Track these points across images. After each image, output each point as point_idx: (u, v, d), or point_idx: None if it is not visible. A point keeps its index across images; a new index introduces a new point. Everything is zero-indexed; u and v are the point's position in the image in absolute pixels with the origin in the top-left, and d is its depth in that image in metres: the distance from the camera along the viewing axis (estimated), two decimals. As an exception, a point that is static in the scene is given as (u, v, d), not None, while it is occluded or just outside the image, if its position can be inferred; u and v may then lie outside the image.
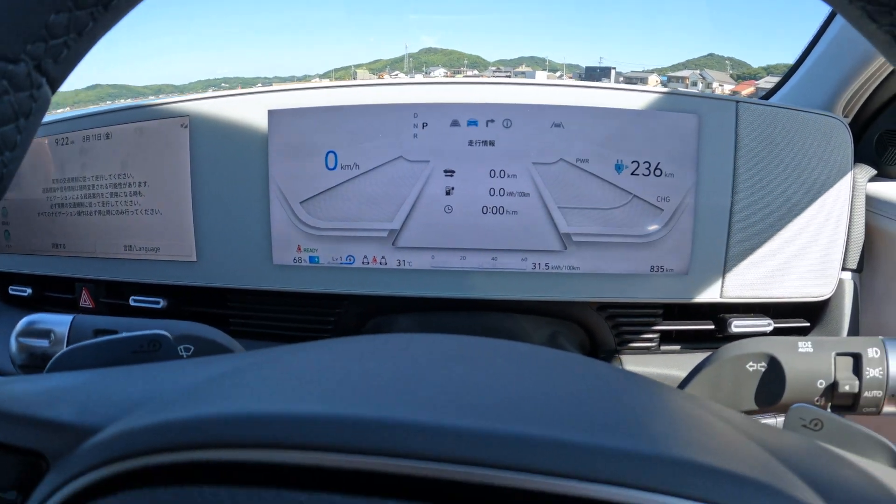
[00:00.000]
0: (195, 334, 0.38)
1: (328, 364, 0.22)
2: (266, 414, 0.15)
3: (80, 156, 0.63)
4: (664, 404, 0.21)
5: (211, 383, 0.19)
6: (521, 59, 2.93)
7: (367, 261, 0.55)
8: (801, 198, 0.56)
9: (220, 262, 0.59)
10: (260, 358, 0.23)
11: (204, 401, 0.17)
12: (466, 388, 0.19)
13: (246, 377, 0.20)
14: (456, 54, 3.49)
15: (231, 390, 0.18)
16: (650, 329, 0.58)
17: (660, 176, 0.53)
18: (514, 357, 0.24)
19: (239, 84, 1.60)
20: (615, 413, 0.18)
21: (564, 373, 0.22)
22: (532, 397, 0.18)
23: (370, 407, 0.16)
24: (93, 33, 0.17)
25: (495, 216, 0.53)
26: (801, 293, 0.58)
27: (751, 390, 0.37)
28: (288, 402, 0.16)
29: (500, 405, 0.17)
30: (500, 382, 0.20)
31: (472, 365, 0.22)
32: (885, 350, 0.35)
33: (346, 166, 0.54)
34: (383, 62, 2.81)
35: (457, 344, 0.25)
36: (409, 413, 0.15)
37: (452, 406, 0.16)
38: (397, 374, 0.20)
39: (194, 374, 0.22)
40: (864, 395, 0.35)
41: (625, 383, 0.22)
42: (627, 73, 2.29)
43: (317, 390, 0.18)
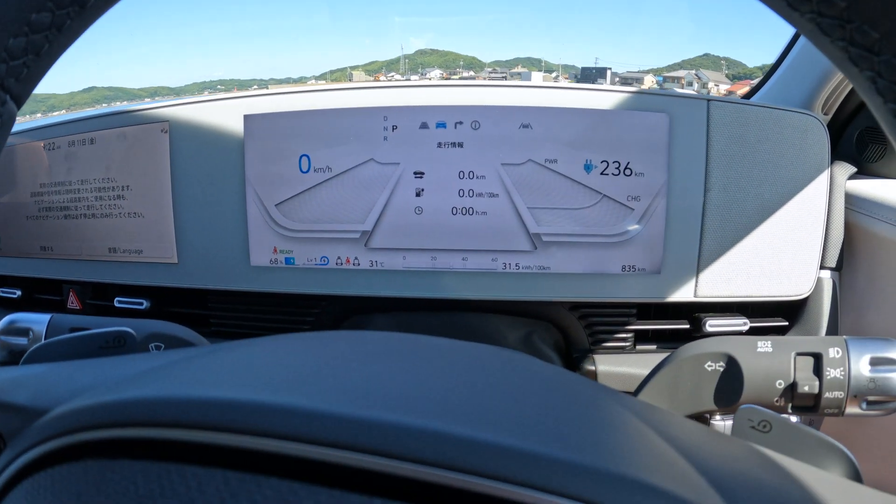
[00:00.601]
0: (165, 332, 0.40)
1: (257, 357, 0.23)
2: (171, 397, 0.17)
3: (65, 160, 0.65)
4: (576, 403, 0.21)
5: (145, 373, 0.21)
6: (516, 60, 2.93)
7: (341, 262, 0.56)
8: (776, 196, 0.56)
9: (200, 263, 0.60)
10: (200, 352, 0.24)
11: (132, 387, 0.19)
12: (374, 382, 0.19)
13: (176, 368, 0.21)
14: (452, 55, 3.50)
15: (158, 378, 0.20)
16: (624, 329, 0.58)
17: (630, 175, 0.53)
18: (441, 354, 0.24)
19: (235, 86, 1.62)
20: (507, 408, 0.18)
21: (486, 370, 0.23)
22: (431, 391, 0.19)
23: (266, 393, 0.17)
24: (50, 54, 0.19)
25: (465, 217, 0.53)
26: (778, 292, 0.57)
27: (710, 390, 0.37)
28: (198, 388, 0.18)
29: (395, 397, 0.18)
30: (408, 377, 0.20)
31: (394, 361, 0.22)
32: (847, 350, 0.35)
33: (319, 169, 0.55)
34: (379, 63, 2.83)
35: (395, 341, 0.25)
36: (299, 399, 0.16)
37: (347, 395, 0.17)
38: (314, 368, 0.21)
39: (138, 366, 0.24)
40: (825, 395, 0.34)
41: (545, 382, 0.23)
42: (623, 74, 2.28)
43: (230, 379, 0.19)
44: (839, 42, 0.15)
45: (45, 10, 0.17)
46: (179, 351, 0.27)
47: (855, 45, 0.14)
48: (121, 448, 0.16)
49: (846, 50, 0.15)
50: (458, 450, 0.14)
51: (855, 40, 0.14)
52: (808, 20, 0.15)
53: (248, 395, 0.17)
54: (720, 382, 0.37)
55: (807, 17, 0.15)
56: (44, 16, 0.17)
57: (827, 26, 0.15)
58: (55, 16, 0.18)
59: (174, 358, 0.24)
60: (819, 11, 0.14)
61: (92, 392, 0.19)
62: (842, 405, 0.35)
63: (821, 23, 0.15)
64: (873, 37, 0.14)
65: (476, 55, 6.59)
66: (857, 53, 0.15)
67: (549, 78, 2.34)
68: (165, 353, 0.27)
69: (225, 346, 0.26)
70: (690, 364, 0.37)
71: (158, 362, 0.23)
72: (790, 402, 0.36)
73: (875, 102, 0.15)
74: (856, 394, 0.34)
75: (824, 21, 0.15)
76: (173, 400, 0.17)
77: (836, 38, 0.15)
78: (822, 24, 0.15)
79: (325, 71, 4.82)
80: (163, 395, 0.17)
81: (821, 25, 0.15)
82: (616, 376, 0.56)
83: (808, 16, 0.15)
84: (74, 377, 0.23)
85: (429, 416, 0.16)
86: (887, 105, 0.15)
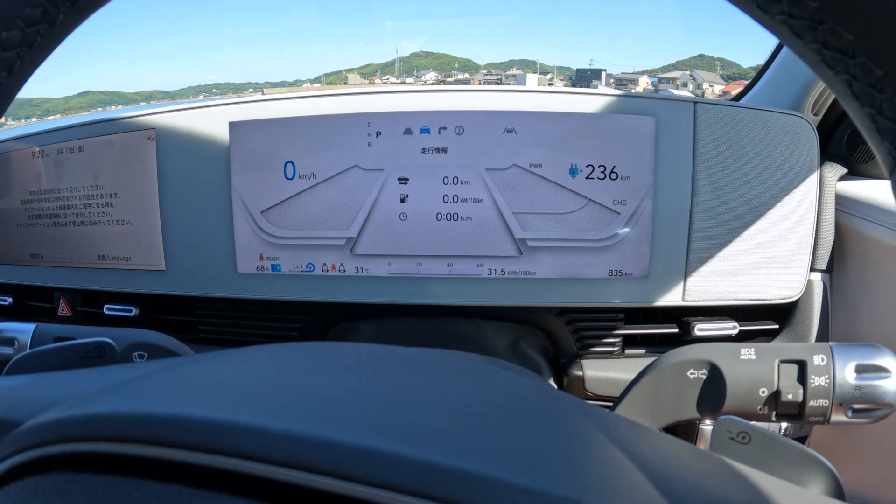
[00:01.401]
0: (147, 341, 0.40)
1: (221, 372, 0.23)
2: (127, 413, 0.17)
3: (54, 168, 0.65)
4: (532, 416, 0.21)
5: (113, 387, 0.21)
6: (511, 62, 2.93)
7: (327, 268, 0.56)
8: (765, 199, 0.55)
9: (187, 270, 0.60)
10: (169, 365, 0.25)
11: (95, 402, 0.19)
12: (329, 397, 0.19)
13: (142, 383, 0.22)
14: (447, 58, 3.51)
15: (122, 393, 0.20)
16: (611, 333, 0.58)
17: (616, 179, 0.53)
18: (400, 365, 0.24)
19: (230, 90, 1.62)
20: (434, 421, 0.18)
21: (442, 383, 0.23)
22: (379, 408, 0.19)
23: (223, 410, 0.17)
24: (22, 70, 0.19)
25: (450, 223, 0.53)
26: (768, 295, 0.57)
27: (693, 398, 0.37)
28: (157, 404, 0.18)
29: (343, 415, 0.18)
30: (361, 392, 0.20)
31: (352, 375, 0.22)
32: (833, 357, 0.34)
33: (304, 176, 0.55)
34: (374, 66, 2.84)
35: (360, 354, 0.25)
36: (255, 418, 0.17)
37: (306, 413, 0.17)
38: (273, 383, 0.21)
39: (110, 378, 0.24)
40: (810, 404, 0.34)
41: (502, 396, 0.22)
42: (618, 75, 2.27)
43: (191, 395, 0.20)
44: (812, 44, 0.14)
45: (15, 28, 0.17)
46: (152, 363, 0.27)
47: (828, 46, 0.14)
48: (83, 462, 0.17)
49: (819, 52, 0.14)
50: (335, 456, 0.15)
51: (828, 43, 0.14)
52: (779, 22, 0.15)
53: (202, 412, 0.17)
54: (703, 390, 0.36)
55: (777, 20, 0.15)
56: (14, 34, 0.17)
57: (799, 28, 0.14)
58: (25, 34, 0.18)
59: (145, 371, 0.24)
60: (790, 13, 0.14)
61: (59, 406, 0.20)
62: (827, 413, 0.34)
63: (792, 24, 0.14)
64: (847, 38, 0.14)
65: (471, 57, 6.60)
66: (831, 56, 0.14)
67: (544, 80, 2.33)
68: (138, 366, 0.27)
69: (192, 359, 0.26)
70: (673, 372, 0.37)
71: (130, 375, 0.24)
72: (774, 411, 0.35)
73: (852, 107, 0.15)
74: (841, 402, 0.34)
75: (796, 23, 0.14)
76: (129, 416, 0.17)
77: (809, 40, 0.14)
78: (794, 25, 0.14)
79: (321, 74, 4.85)
80: (120, 411, 0.18)
81: (793, 27, 0.14)
82: (604, 381, 0.56)
83: (778, 17, 0.15)
84: (49, 390, 0.24)
85: (372, 435, 0.16)
86: (864, 109, 0.15)
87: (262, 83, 3.82)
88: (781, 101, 0.64)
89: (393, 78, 2.67)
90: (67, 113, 1.00)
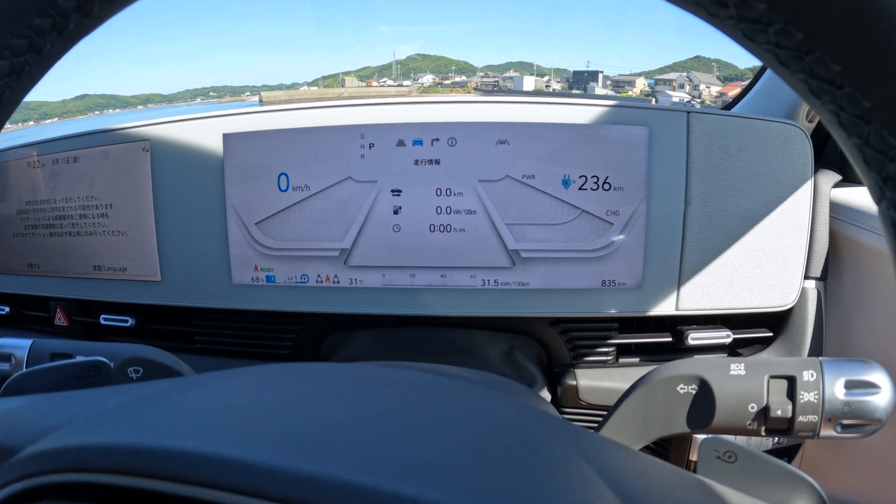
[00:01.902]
0: (143, 357, 0.40)
1: (210, 400, 0.23)
2: (115, 444, 0.18)
3: (50, 178, 0.65)
4: (508, 442, 0.21)
5: (105, 415, 0.22)
6: (508, 65, 2.93)
7: (321, 280, 0.56)
8: (758, 207, 0.55)
9: (183, 281, 0.60)
10: (160, 390, 0.25)
11: (88, 432, 0.20)
12: (315, 427, 0.20)
13: (133, 411, 0.22)
14: (444, 60, 3.50)
15: (112, 422, 0.21)
16: (605, 343, 0.58)
17: (609, 190, 0.53)
18: (386, 391, 0.25)
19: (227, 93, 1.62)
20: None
21: (422, 409, 0.23)
22: (359, 438, 0.19)
23: (208, 442, 0.18)
24: (11, 98, 0.19)
25: (443, 234, 0.53)
26: (761, 303, 0.57)
27: (682, 413, 0.37)
28: (144, 435, 0.19)
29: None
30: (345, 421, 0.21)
31: (337, 400, 0.23)
32: (822, 373, 0.34)
33: (298, 188, 0.55)
34: (371, 69, 2.84)
35: (347, 377, 0.26)
36: (241, 451, 0.17)
37: (291, 446, 0.18)
38: (255, 411, 0.22)
39: (104, 403, 0.25)
40: (799, 419, 0.34)
41: (482, 418, 0.23)
42: (615, 77, 2.27)
43: (179, 426, 0.20)
44: (799, 74, 0.14)
45: (3, 59, 0.18)
46: (144, 387, 0.27)
47: (815, 76, 0.14)
48: (76, 491, 0.17)
49: (806, 82, 0.14)
50: None
51: (815, 73, 0.14)
52: (766, 51, 0.15)
53: (190, 444, 0.17)
54: (693, 405, 0.36)
55: (764, 48, 0.15)
56: (2, 63, 0.18)
57: (785, 57, 0.14)
58: (13, 63, 0.18)
59: (136, 396, 0.24)
60: (776, 43, 0.14)
61: (53, 436, 0.20)
62: (816, 428, 0.34)
63: (779, 54, 0.14)
64: (834, 69, 0.14)
65: (468, 60, 6.60)
66: (818, 86, 0.14)
67: (541, 82, 2.33)
68: (130, 390, 0.27)
69: (181, 385, 0.26)
70: (663, 387, 0.37)
71: (122, 400, 0.24)
72: (763, 426, 0.35)
73: (839, 136, 0.15)
74: (830, 417, 0.34)
75: (782, 52, 0.14)
76: (119, 448, 0.18)
77: (796, 70, 0.14)
78: (781, 55, 0.14)
79: (318, 77, 4.84)
80: (110, 443, 0.18)
81: (779, 57, 0.14)
82: (598, 390, 0.56)
83: (765, 46, 0.15)
84: (44, 416, 0.24)
85: (335, 464, 0.16)
86: (851, 139, 0.14)
87: (259, 86, 3.82)
88: (775, 108, 0.64)
89: (390, 81, 2.67)
90: (65, 116, 1.00)
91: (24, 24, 0.17)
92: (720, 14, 0.14)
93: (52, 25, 0.17)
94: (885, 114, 0.13)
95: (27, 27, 0.17)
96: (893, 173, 0.14)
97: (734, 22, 0.14)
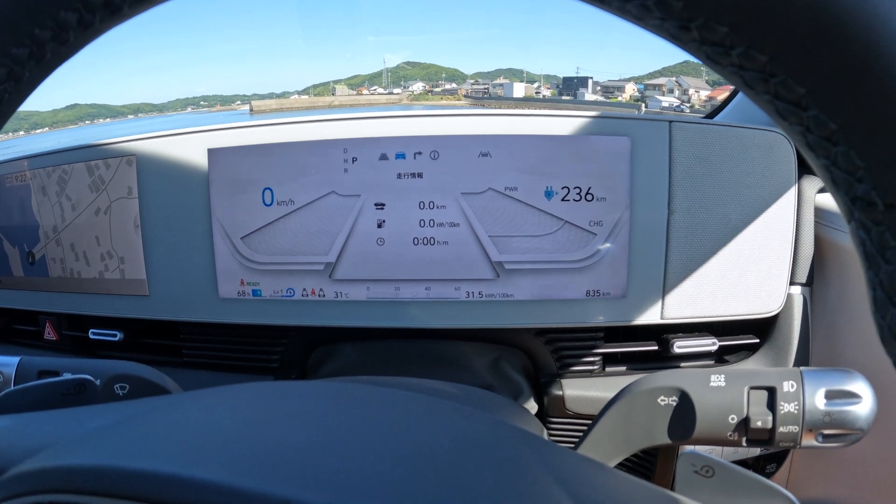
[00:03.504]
0: (129, 373, 0.41)
1: (184, 420, 0.24)
2: (94, 466, 0.19)
3: (36, 193, 0.65)
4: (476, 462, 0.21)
5: (87, 436, 0.22)
6: (498, 72, 2.93)
7: (307, 293, 0.56)
8: (742, 215, 0.55)
9: (170, 296, 0.60)
10: (142, 410, 0.26)
11: (70, 453, 0.20)
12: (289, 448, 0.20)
13: (115, 432, 0.23)
14: (434, 68, 3.50)
15: (94, 444, 0.21)
16: (591, 352, 0.58)
17: (591, 200, 0.53)
18: (360, 409, 0.25)
19: (218, 102, 1.62)
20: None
21: (393, 428, 0.23)
22: (333, 458, 0.19)
23: (188, 465, 0.18)
24: None
25: (427, 247, 0.53)
26: (747, 310, 0.57)
27: (663, 425, 0.37)
28: (123, 457, 0.20)
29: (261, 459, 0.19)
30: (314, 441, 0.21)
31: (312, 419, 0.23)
32: (802, 383, 0.34)
33: (282, 202, 0.55)
34: (361, 77, 2.84)
35: (325, 397, 0.26)
36: (218, 474, 0.18)
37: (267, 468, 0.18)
38: (230, 432, 0.22)
39: (87, 424, 0.25)
40: (780, 430, 0.34)
41: (451, 437, 0.23)
42: (604, 83, 2.27)
43: (159, 448, 0.21)
44: (764, 95, 0.14)
45: None
46: (127, 406, 0.28)
47: (780, 98, 0.14)
48: None
49: (772, 104, 0.14)
50: None
51: (780, 95, 0.14)
52: (731, 73, 0.15)
53: (166, 466, 0.18)
54: (673, 417, 0.37)
55: (729, 70, 0.14)
56: None
57: (750, 80, 0.14)
58: None
59: (120, 416, 0.25)
60: (740, 65, 0.14)
61: (36, 457, 0.21)
62: (797, 439, 0.34)
63: (744, 76, 0.14)
64: (799, 92, 0.14)
65: (458, 67, 6.56)
66: (784, 108, 0.14)
67: (531, 88, 2.33)
68: (114, 410, 0.28)
69: (161, 405, 0.26)
70: (643, 399, 0.37)
71: (105, 421, 0.25)
72: (744, 437, 0.35)
73: (808, 156, 0.15)
74: (811, 427, 0.34)
75: (747, 74, 0.14)
76: (99, 470, 0.18)
77: (761, 92, 0.14)
78: (746, 77, 0.14)
79: (308, 86, 4.83)
80: (90, 465, 0.19)
81: (744, 79, 0.14)
82: (584, 400, 0.56)
83: (729, 69, 0.14)
84: (29, 436, 0.25)
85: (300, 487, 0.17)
86: (819, 160, 0.14)
87: (249, 95, 3.82)
88: (760, 115, 0.64)
89: (381, 89, 2.67)
90: (55, 126, 1.00)
91: None
92: (683, 37, 0.14)
93: (51, 37, 0.17)
94: (851, 135, 0.13)
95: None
96: (861, 194, 0.14)
97: (697, 45, 0.14)
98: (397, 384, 0.40)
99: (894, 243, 0.13)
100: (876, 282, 0.14)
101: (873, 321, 0.15)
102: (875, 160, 0.13)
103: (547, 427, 0.59)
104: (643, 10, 0.14)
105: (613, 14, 0.15)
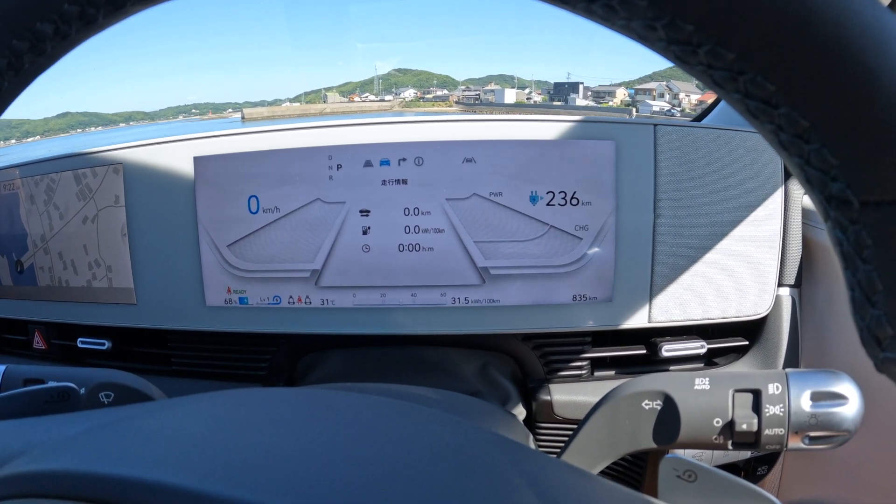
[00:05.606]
0: (113, 381, 0.41)
1: (164, 428, 0.24)
2: (69, 471, 0.19)
3: (23, 202, 0.65)
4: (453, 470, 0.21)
5: (68, 441, 0.22)
6: (489, 78, 2.93)
7: (293, 301, 0.56)
8: (729, 217, 0.55)
9: (157, 304, 0.60)
10: (122, 416, 0.26)
11: (47, 458, 0.20)
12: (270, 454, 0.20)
13: (95, 437, 0.23)
14: (425, 74, 3.51)
15: (73, 450, 0.21)
16: (579, 357, 0.58)
17: (577, 205, 0.53)
18: (342, 418, 0.25)
19: (209, 110, 1.63)
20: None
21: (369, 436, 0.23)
22: (312, 467, 0.19)
23: (155, 470, 0.18)
24: None
25: (412, 253, 0.53)
26: (736, 312, 0.57)
27: (648, 429, 0.37)
28: (100, 462, 0.20)
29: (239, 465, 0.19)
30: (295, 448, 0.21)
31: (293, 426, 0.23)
32: (788, 385, 0.34)
33: (268, 210, 0.55)
34: (353, 84, 2.85)
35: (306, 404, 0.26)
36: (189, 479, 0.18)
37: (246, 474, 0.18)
38: (208, 438, 0.22)
39: (66, 430, 0.25)
40: (765, 432, 0.34)
41: (426, 447, 0.23)
42: (595, 88, 2.27)
43: (133, 453, 0.21)
44: (734, 94, 0.14)
45: None
46: (108, 413, 0.28)
47: (751, 96, 0.14)
48: None
49: (743, 102, 0.14)
50: None
51: (750, 93, 0.14)
52: (700, 72, 0.14)
53: (135, 471, 0.18)
54: (658, 421, 0.36)
55: (698, 70, 0.14)
56: None
57: (719, 78, 0.14)
58: None
59: (100, 422, 0.25)
60: (709, 63, 0.14)
61: (16, 461, 0.21)
62: (783, 441, 0.34)
63: (713, 75, 0.14)
64: (769, 89, 0.13)
65: (450, 73, 6.54)
66: (755, 106, 0.14)
67: (522, 94, 2.33)
68: (95, 416, 0.28)
69: (141, 412, 0.27)
70: (628, 403, 0.37)
71: (85, 426, 0.25)
72: (730, 440, 0.35)
73: (782, 155, 0.14)
74: (797, 430, 0.33)
75: (716, 73, 0.14)
76: (75, 475, 0.18)
77: (731, 90, 0.14)
78: (714, 76, 0.14)
79: (300, 93, 4.85)
80: (64, 470, 0.19)
81: (713, 77, 0.14)
82: (573, 405, 0.56)
83: (698, 67, 0.14)
84: (13, 442, 0.25)
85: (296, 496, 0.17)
86: (793, 159, 0.14)
87: (241, 103, 3.83)
88: (746, 117, 0.64)
89: (372, 96, 2.68)
90: (47, 134, 1.00)
91: None
92: (650, 37, 0.14)
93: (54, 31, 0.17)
94: (824, 132, 0.13)
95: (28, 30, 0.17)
96: (836, 193, 0.13)
97: (665, 45, 0.14)
98: (382, 391, 0.40)
99: (871, 242, 0.13)
100: (854, 282, 0.14)
101: (853, 322, 0.14)
102: (848, 157, 0.13)
103: (536, 432, 0.58)
104: (608, 11, 0.14)
105: (580, 16, 0.15)
